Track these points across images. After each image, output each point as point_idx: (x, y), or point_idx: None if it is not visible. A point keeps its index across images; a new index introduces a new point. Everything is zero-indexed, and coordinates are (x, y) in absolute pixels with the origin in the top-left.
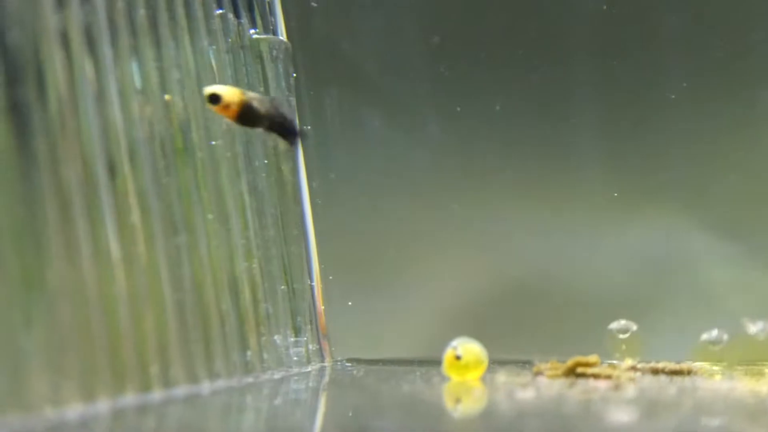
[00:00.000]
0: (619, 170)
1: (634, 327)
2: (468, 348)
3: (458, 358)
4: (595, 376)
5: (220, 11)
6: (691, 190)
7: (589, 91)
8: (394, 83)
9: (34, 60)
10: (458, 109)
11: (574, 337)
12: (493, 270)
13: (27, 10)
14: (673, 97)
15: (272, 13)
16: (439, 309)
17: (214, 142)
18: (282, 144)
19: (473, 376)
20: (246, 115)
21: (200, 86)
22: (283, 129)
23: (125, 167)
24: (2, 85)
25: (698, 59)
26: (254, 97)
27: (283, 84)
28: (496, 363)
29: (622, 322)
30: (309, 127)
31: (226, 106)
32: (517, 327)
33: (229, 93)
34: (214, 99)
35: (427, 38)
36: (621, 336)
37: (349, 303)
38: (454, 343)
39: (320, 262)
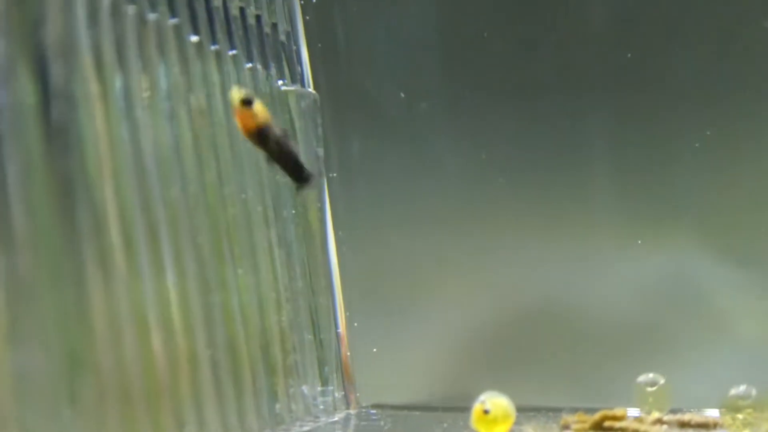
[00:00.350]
0: (636, 202)
1: (662, 380)
2: (496, 402)
3: (486, 412)
4: (623, 431)
5: (250, 65)
6: (711, 220)
7: (606, 128)
8: (418, 128)
9: (76, 130)
10: (483, 156)
11: (595, 376)
12: (521, 317)
13: (69, 81)
14: (697, 145)
15: (300, 62)
16: (464, 355)
17: (245, 195)
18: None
19: (501, 430)
20: (263, 134)
21: (231, 142)
22: (288, 162)
23: (162, 230)
24: (48, 159)
25: (717, 99)
26: (273, 123)
27: (311, 135)
28: (522, 411)
29: (650, 375)
30: (335, 175)
31: (252, 116)
32: (543, 370)
33: (261, 106)
34: (247, 102)
35: (450, 83)
36: (649, 389)
37: (374, 350)
38: (482, 397)
39: (345, 310)
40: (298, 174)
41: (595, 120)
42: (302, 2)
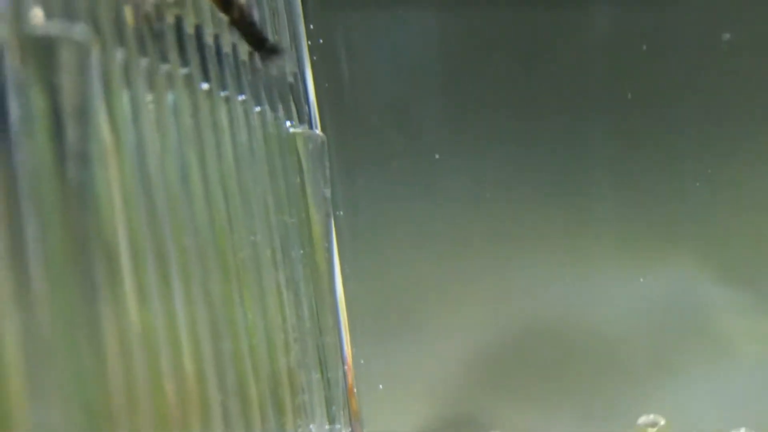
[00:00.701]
0: (638, 226)
1: (662, 421)
2: None
3: None
4: None
5: (258, 108)
6: (712, 245)
7: (608, 153)
8: (423, 164)
9: (92, 187)
10: (488, 195)
11: (602, 406)
12: (527, 351)
13: (84, 138)
14: (698, 184)
15: (307, 103)
16: (471, 392)
17: (254, 238)
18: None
19: None
20: None
21: (240, 186)
22: (250, 30)
23: (175, 280)
24: (65, 217)
25: (717, 126)
26: None
27: (319, 176)
28: None
29: (651, 416)
30: (341, 213)
31: None
32: (549, 402)
33: None
34: None
35: (455, 117)
36: (650, 430)
37: (380, 386)
38: None
39: (352, 347)
40: (260, 43)
41: (597, 145)
42: (309, 43)
